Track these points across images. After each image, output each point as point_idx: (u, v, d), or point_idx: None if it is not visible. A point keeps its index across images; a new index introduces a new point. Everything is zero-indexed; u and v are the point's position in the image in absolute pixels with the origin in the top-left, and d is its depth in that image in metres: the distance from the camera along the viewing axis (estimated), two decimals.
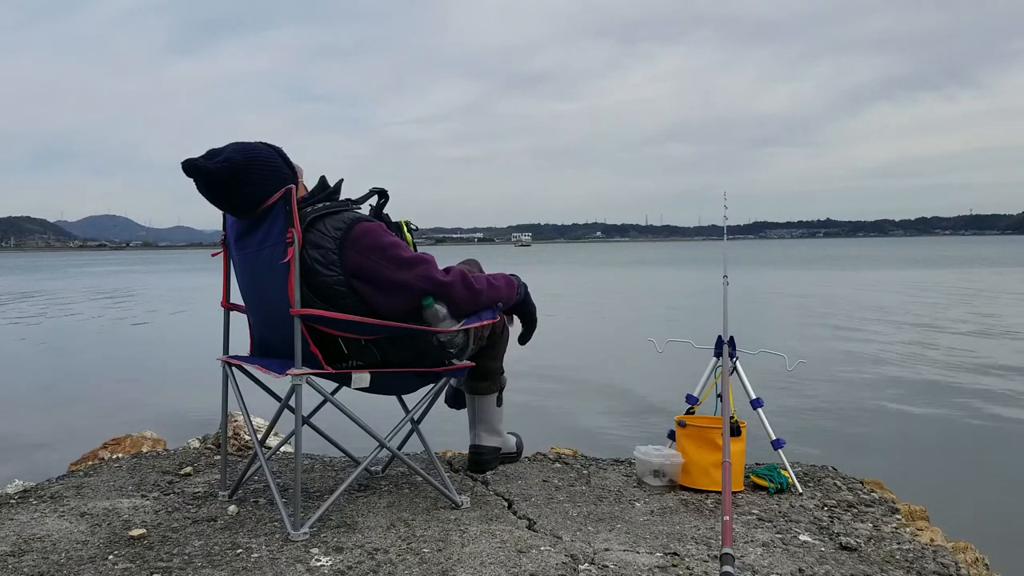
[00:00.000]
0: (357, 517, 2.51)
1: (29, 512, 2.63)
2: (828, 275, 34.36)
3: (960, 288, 24.08)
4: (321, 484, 2.90)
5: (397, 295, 2.46)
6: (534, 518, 2.51)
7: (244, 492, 2.80)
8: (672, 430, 2.97)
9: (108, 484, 2.95)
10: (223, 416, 2.84)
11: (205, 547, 2.26)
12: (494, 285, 2.69)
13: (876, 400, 7.73)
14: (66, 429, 6.90)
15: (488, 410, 2.97)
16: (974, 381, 8.66)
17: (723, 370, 2.85)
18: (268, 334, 2.62)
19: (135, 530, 2.39)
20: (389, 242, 2.47)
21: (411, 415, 2.67)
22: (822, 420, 6.92)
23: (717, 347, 2.95)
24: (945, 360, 10.07)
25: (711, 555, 2.20)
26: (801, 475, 2.97)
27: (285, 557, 2.17)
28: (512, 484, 2.87)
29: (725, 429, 2.50)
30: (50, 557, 2.21)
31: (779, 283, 28.08)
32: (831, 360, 10.01)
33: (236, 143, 2.44)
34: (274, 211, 2.40)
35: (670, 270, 43.77)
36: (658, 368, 8.69)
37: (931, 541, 2.37)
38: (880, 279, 30.15)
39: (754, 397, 2.89)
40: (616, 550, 2.23)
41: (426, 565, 2.11)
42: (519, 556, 2.17)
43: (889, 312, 16.73)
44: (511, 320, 2.94)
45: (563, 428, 6.64)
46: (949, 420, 6.97)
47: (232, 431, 3.41)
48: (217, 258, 2.71)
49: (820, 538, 2.37)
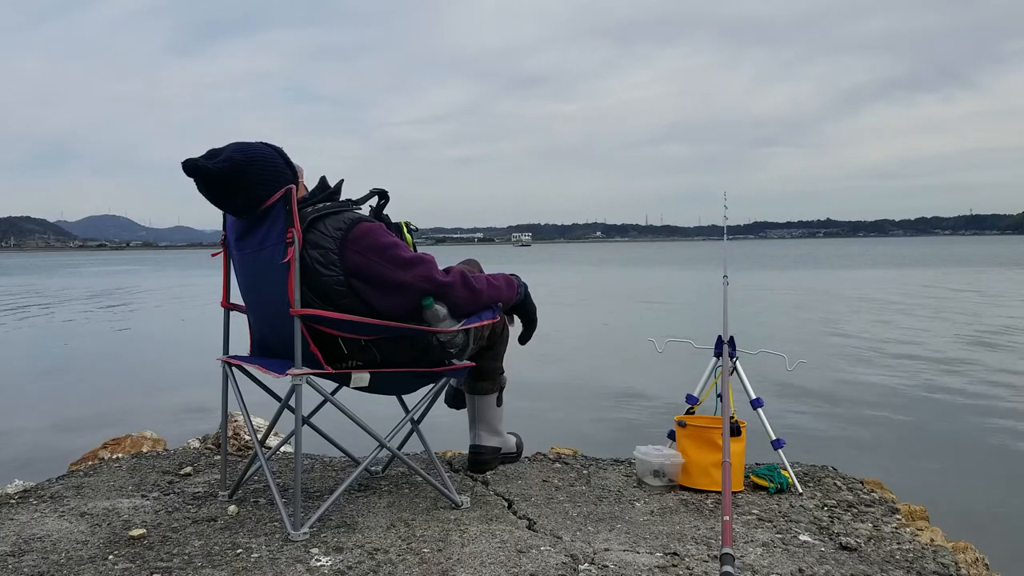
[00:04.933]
0: (357, 517, 2.51)
1: (29, 512, 2.63)
2: (828, 275, 34.37)
3: (960, 288, 24.09)
4: (321, 484, 2.90)
5: (397, 295, 2.46)
6: (534, 518, 2.51)
7: (244, 492, 2.80)
8: (672, 430, 2.97)
9: (108, 484, 2.95)
10: (223, 416, 2.84)
11: (205, 547, 2.27)
12: (494, 285, 2.69)
13: (876, 400, 7.73)
14: (66, 429, 6.90)
15: (488, 410, 2.97)
16: (974, 381, 8.65)
17: (723, 370, 2.85)
18: (268, 334, 2.62)
19: (135, 530, 2.39)
20: (389, 242, 2.47)
21: (411, 415, 2.68)
22: (822, 420, 6.92)
23: (717, 347, 2.95)
24: (945, 360, 10.07)
25: (711, 555, 2.20)
26: (801, 475, 2.97)
27: (285, 557, 2.18)
28: (512, 484, 2.87)
29: (725, 429, 2.50)
30: (50, 557, 2.21)
31: (779, 283, 28.09)
32: (831, 360, 10.01)
33: (236, 143, 2.44)
34: (274, 211, 2.40)
35: (670, 270, 43.76)
36: (658, 368, 8.69)
37: (931, 541, 2.37)
38: (880, 279, 30.16)
39: (754, 397, 2.89)
40: (616, 550, 2.23)
41: (426, 565, 2.11)
42: (519, 556, 2.17)
43: (889, 312, 16.74)
44: (511, 320, 2.94)
45: (563, 428, 6.63)
46: (949, 420, 6.97)
47: (232, 431, 3.41)
48: (217, 258, 2.71)
49: (820, 538, 2.37)
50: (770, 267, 43.68)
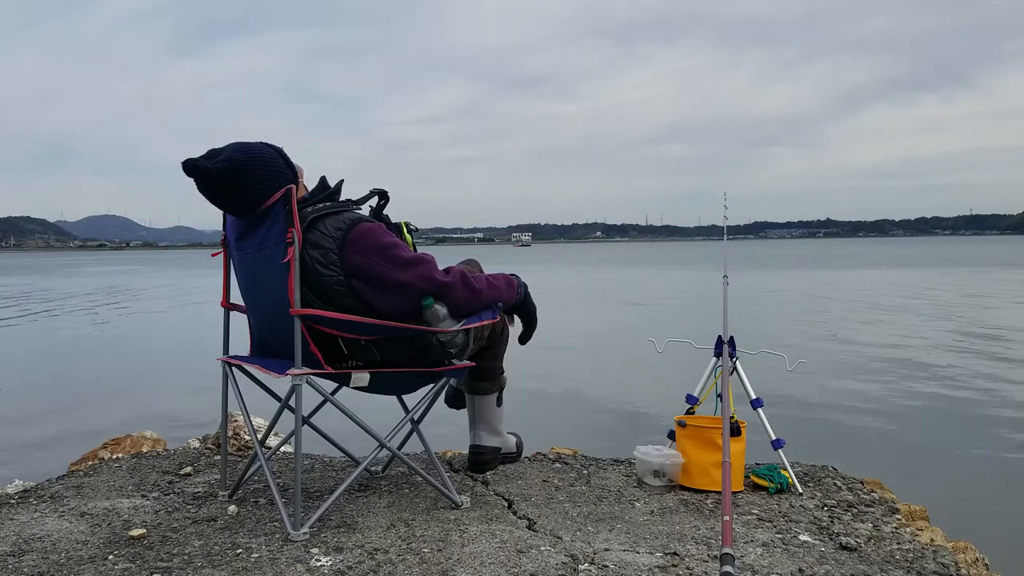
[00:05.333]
0: (357, 517, 2.51)
1: (29, 512, 2.63)
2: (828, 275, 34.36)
3: (960, 288, 24.09)
4: (321, 484, 2.90)
5: (397, 295, 2.46)
6: (534, 518, 2.51)
7: (244, 492, 2.80)
8: (672, 430, 2.97)
9: (108, 484, 2.95)
10: (223, 416, 2.84)
11: (205, 547, 2.27)
12: (494, 285, 2.69)
13: (876, 400, 7.73)
14: (66, 429, 6.89)
15: (488, 410, 2.97)
16: (974, 381, 8.65)
17: (723, 370, 2.85)
18: (268, 334, 2.62)
19: (135, 530, 2.39)
20: (389, 242, 2.47)
21: (411, 415, 2.68)
22: (822, 420, 6.92)
23: (717, 347, 2.95)
24: (945, 360, 10.07)
25: (711, 555, 2.20)
26: (801, 475, 2.97)
27: (285, 557, 2.18)
28: (512, 484, 2.87)
29: (725, 429, 2.50)
30: (50, 557, 2.21)
31: (779, 283, 28.08)
32: (831, 360, 10.01)
33: (236, 143, 2.44)
34: (274, 211, 2.40)
35: (670, 270, 43.76)
36: (658, 368, 8.69)
37: (931, 541, 2.37)
38: (880, 279, 30.15)
39: (754, 397, 2.89)
40: (616, 550, 2.23)
41: (426, 565, 2.11)
42: (519, 556, 2.17)
43: (889, 312, 16.74)
44: (511, 320, 2.94)
45: (563, 428, 6.63)
46: (949, 420, 6.97)
47: (232, 431, 3.41)
48: (217, 258, 2.71)
49: (820, 538, 2.37)
50: (770, 267, 43.69)
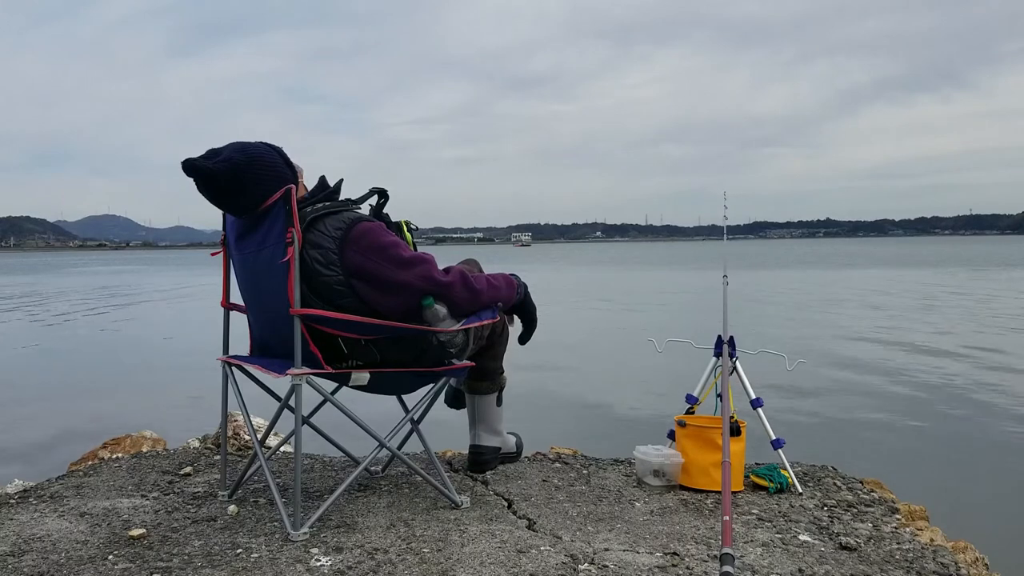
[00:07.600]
0: (357, 517, 2.51)
1: (29, 512, 2.63)
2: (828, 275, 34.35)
3: (961, 287, 24.09)
4: (321, 484, 2.90)
5: (397, 295, 2.46)
6: (534, 518, 2.51)
7: (244, 492, 2.80)
8: (672, 430, 2.97)
9: (108, 484, 2.95)
10: (223, 416, 2.84)
11: (205, 547, 2.27)
12: (494, 285, 2.69)
13: (876, 400, 7.73)
14: (66, 429, 6.89)
15: (488, 410, 2.97)
16: (974, 381, 8.65)
17: (723, 370, 2.85)
18: (268, 334, 2.62)
19: (135, 530, 2.39)
20: (389, 242, 2.47)
21: (411, 415, 2.68)
22: (822, 420, 6.92)
23: (717, 347, 2.95)
24: (944, 360, 10.07)
25: (711, 555, 2.20)
26: (801, 475, 2.97)
27: (285, 557, 2.18)
28: (512, 484, 2.87)
29: (725, 429, 2.50)
30: (50, 557, 2.21)
31: (779, 283, 28.08)
32: (831, 360, 10.01)
33: (236, 143, 2.44)
34: (274, 211, 2.40)
35: (670, 270, 43.76)
36: (658, 368, 8.69)
37: (931, 541, 2.37)
38: (880, 279, 30.15)
39: (754, 397, 2.89)
40: (616, 550, 2.23)
41: (426, 565, 2.11)
42: (519, 556, 2.17)
43: (889, 312, 16.73)
44: (511, 320, 2.94)
45: (563, 428, 6.63)
46: (949, 420, 6.97)
47: (232, 431, 3.41)
48: (217, 258, 2.71)
49: (820, 538, 2.37)
50: (770, 267, 43.68)
